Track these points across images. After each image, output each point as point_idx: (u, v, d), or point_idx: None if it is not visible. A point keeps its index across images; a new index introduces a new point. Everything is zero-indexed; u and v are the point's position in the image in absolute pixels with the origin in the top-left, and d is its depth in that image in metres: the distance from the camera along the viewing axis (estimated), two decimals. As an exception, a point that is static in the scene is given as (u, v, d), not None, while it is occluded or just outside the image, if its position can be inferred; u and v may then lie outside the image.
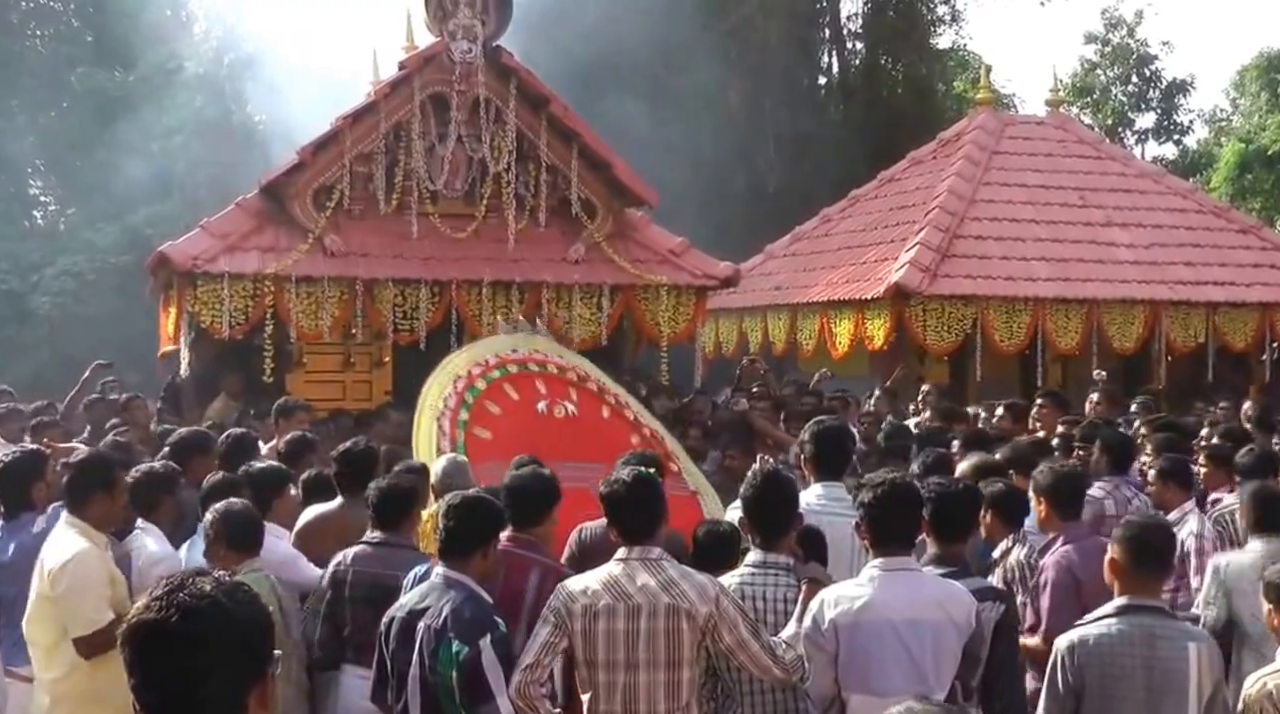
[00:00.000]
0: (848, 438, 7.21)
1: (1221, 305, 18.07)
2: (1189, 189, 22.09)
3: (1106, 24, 52.35)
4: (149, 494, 7.08)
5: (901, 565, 5.33)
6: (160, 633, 2.60)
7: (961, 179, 19.36)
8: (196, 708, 2.61)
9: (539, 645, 5.28)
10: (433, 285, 12.97)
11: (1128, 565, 5.13)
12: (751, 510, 5.76)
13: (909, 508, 5.42)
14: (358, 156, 13.09)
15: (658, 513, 5.49)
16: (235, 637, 2.65)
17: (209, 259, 12.42)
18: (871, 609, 5.22)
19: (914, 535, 5.50)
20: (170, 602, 2.62)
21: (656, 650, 5.19)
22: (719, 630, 5.21)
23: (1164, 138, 52.99)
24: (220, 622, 2.62)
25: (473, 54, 13.30)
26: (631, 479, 5.48)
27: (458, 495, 5.64)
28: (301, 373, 13.18)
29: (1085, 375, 17.34)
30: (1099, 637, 5.05)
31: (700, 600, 5.19)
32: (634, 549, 5.35)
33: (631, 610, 5.20)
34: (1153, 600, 5.14)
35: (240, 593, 2.70)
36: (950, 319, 16.97)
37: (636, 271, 13.65)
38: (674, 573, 5.29)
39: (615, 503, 5.46)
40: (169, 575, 2.72)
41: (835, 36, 35.59)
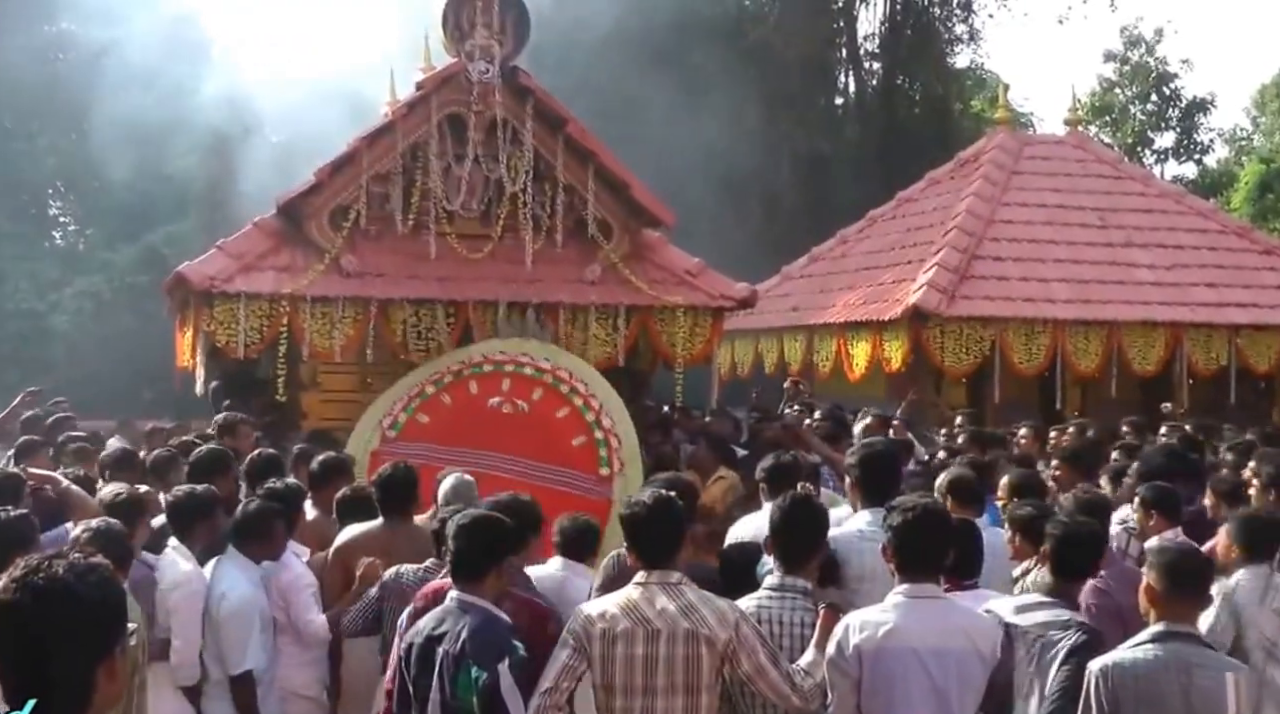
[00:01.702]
0: (897, 462, 7.07)
1: (1244, 327, 17.98)
2: (1210, 209, 22.01)
3: (1126, 42, 52.27)
4: (186, 516, 7.11)
5: (928, 593, 5.31)
6: (11, 612, 2.83)
7: (980, 199, 19.31)
8: (46, 681, 2.85)
9: (558, 669, 5.24)
10: (448, 305, 12.91)
11: (1164, 592, 5.07)
12: (778, 533, 5.70)
13: (938, 534, 5.40)
14: (374, 177, 13.05)
15: (678, 537, 5.44)
16: (83, 616, 2.88)
17: (225, 279, 12.39)
18: (896, 636, 5.18)
19: (942, 562, 5.48)
20: (23, 583, 2.85)
21: (675, 676, 5.14)
22: (737, 656, 5.16)
23: (1184, 157, 52.84)
24: (68, 602, 2.85)
25: (490, 74, 13.27)
26: (652, 501, 5.43)
27: (467, 515, 5.58)
28: (316, 393, 13.15)
29: (1105, 398, 17.28)
30: (1135, 662, 4.97)
31: (720, 626, 5.15)
32: (653, 573, 5.30)
33: (650, 635, 5.16)
34: (1189, 628, 5.06)
35: (92, 575, 2.92)
36: (968, 341, 16.90)
37: (653, 292, 13.57)
38: (693, 597, 5.24)
39: (635, 525, 5.40)
40: (29, 557, 2.94)
41: (852, 57, 35.62)
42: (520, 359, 12.09)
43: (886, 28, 35.59)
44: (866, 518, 6.44)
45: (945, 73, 36.17)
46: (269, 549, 7.12)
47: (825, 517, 5.93)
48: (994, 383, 16.88)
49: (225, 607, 6.84)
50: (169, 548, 7.07)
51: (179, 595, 6.84)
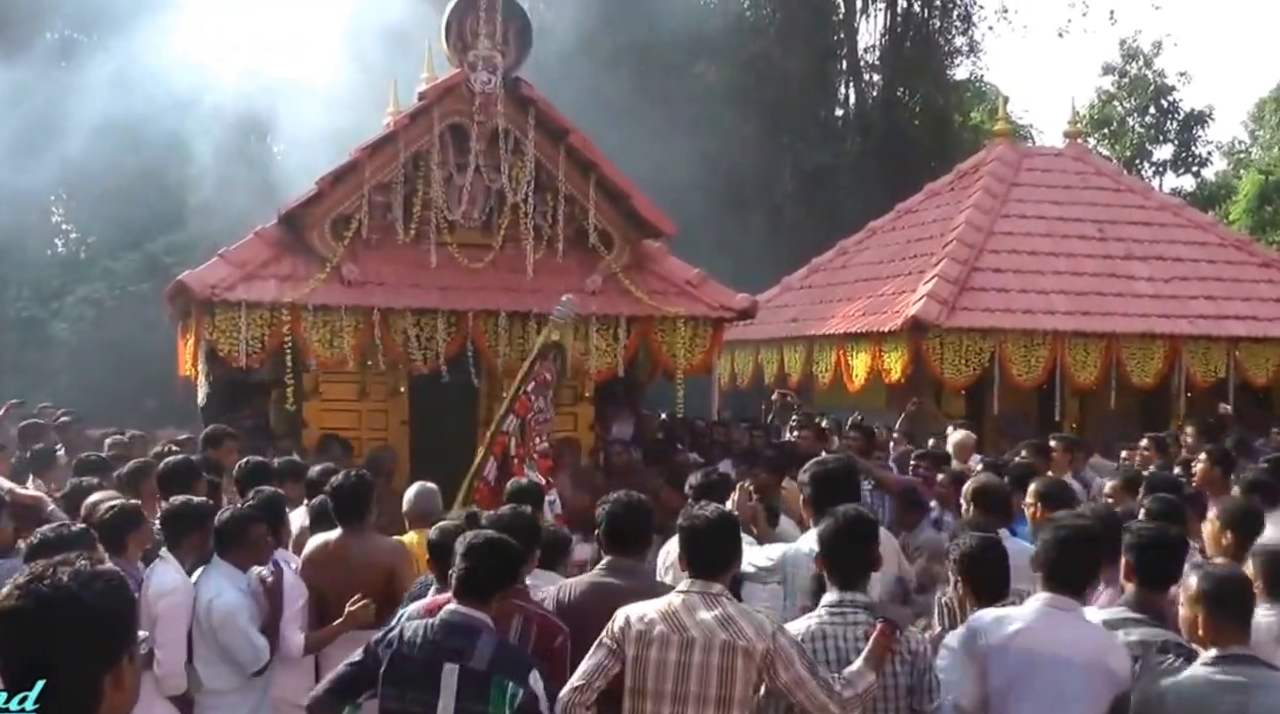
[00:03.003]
0: (851, 479, 7.08)
1: (1243, 340, 18.01)
2: (1209, 222, 22.06)
3: (1124, 55, 52.38)
4: (179, 527, 7.13)
5: (1069, 605, 5.34)
6: (16, 619, 2.77)
7: (979, 211, 19.35)
8: (52, 689, 2.77)
9: (592, 667, 5.27)
10: (450, 315, 12.96)
11: (1210, 619, 4.97)
12: (830, 550, 5.65)
13: (1090, 554, 5.45)
14: (376, 186, 13.09)
15: (733, 554, 5.50)
16: (87, 624, 2.81)
17: (227, 287, 12.43)
18: (1025, 636, 5.23)
19: (1088, 581, 5.53)
20: (27, 590, 2.79)
21: (708, 686, 5.14)
22: (775, 667, 5.15)
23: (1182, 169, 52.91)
24: (72, 611, 2.78)
25: (492, 84, 13.32)
26: (714, 515, 5.48)
27: (480, 536, 5.53)
28: (318, 402, 13.18)
29: (1103, 409, 17.29)
30: (1193, 683, 4.89)
31: (758, 637, 5.15)
32: (696, 582, 5.33)
33: (686, 643, 5.17)
34: (1244, 649, 4.95)
35: (98, 583, 2.85)
36: (968, 352, 16.92)
37: (653, 303, 13.62)
38: (733, 610, 5.26)
39: (694, 535, 5.43)
40: (35, 564, 2.88)
41: (853, 69, 35.69)
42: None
43: (886, 40, 35.67)
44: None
45: (945, 84, 36.22)
46: (253, 556, 7.11)
47: (876, 529, 5.89)
48: (993, 394, 16.90)
49: (214, 614, 6.84)
50: (159, 558, 7.07)
51: (164, 604, 6.84)
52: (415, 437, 13.39)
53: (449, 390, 13.03)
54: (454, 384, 12.96)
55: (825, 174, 30.91)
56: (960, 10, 36.51)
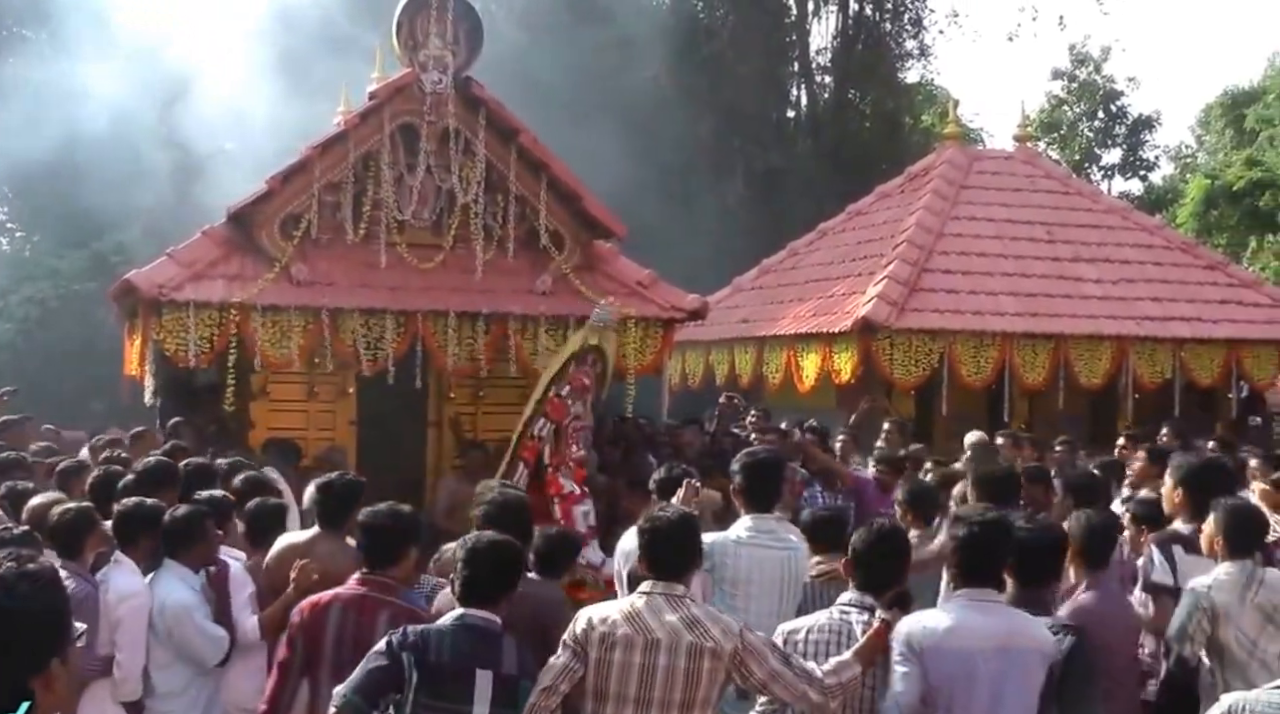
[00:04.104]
0: (780, 470, 7.29)
1: (1188, 341, 18.16)
2: (1156, 225, 22.22)
3: (1074, 60, 52.85)
4: (133, 528, 7.06)
5: (987, 597, 5.51)
6: None
7: (929, 213, 19.43)
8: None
9: (557, 670, 5.23)
10: (399, 315, 12.89)
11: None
12: (861, 557, 5.77)
13: (1002, 546, 5.61)
14: (326, 186, 13.01)
15: (694, 555, 5.52)
16: (10, 628, 2.81)
17: (174, 287, 12.32)
18: (956, 635, 5.35)
19: (1002, 572, 5.70)
20: None
21: (673, 690, 5.13)
22: (748, 666, 5.18)
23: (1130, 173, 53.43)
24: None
25: (443, 84, 13.27)
26: (677, 517, 5.50)
27: (483, 539, 5.49)
28: (265, 402, 13.10)
29: (1052, 410, 17.40)
30: (1269, 702, 4.47)
31: (725, 638, 5.17)
32: (659, 584, 5.32)
33: (650, 644, 5.15)
34: None
35: (23, 585, 2.84)
36: (917, 353, 16.98)
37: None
38: (697, 611, 5.26)
39: (656, 537, 5.43)
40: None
41: (804, 71, 35.81)
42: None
43: (838, 43, 35.78)
44: (747, 524, 6.78)
45: (896, 88, 36.41)
46: (204, 554, 7.08)
47: (907, 543, 6.05)
48: (942, 395, 16.96)
49: (168, 615, 6.82)
50: (113, 560, 7.01)
51: (126, 608, 6.79)
52: (363, 437, 13.32)
53: (397, 391, 12.98)
54: (402, 385, 12.91)
55: (777, 175, 31.00)
56: (911, 14, 36.70)
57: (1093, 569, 6.78)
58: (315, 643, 5.93)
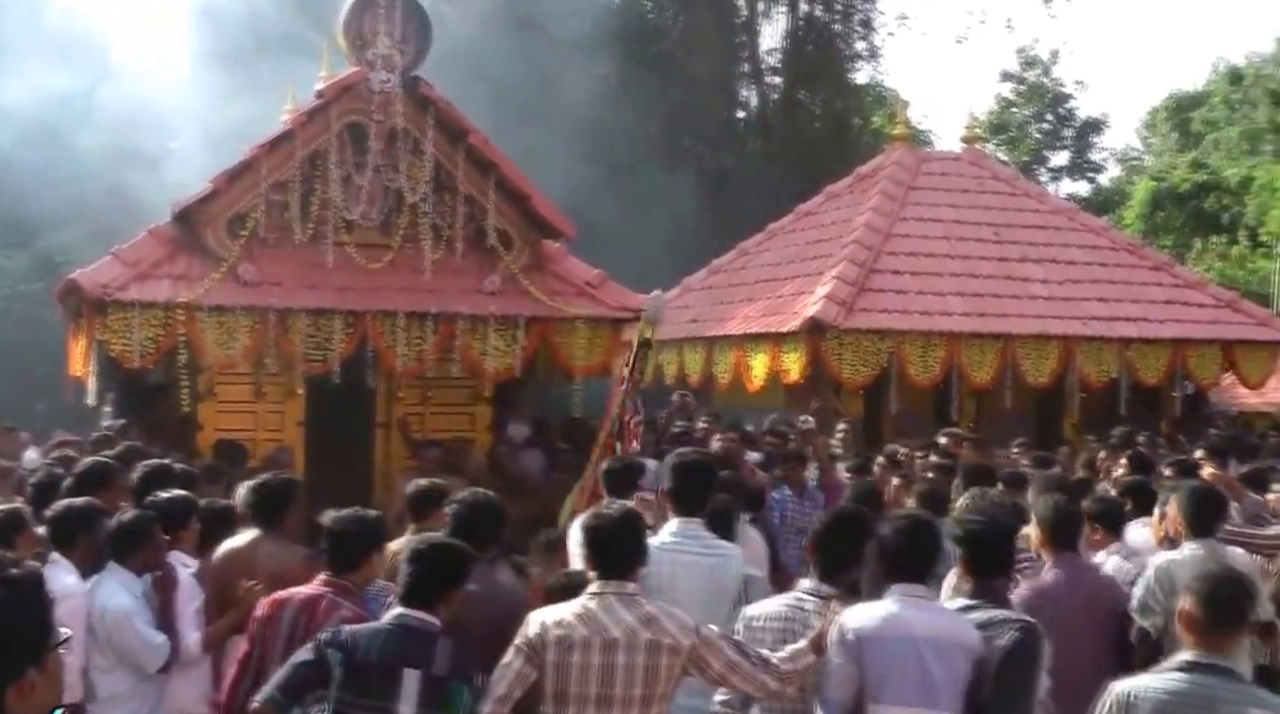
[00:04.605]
0: (711, 473, 7.02)
1: (1134, 341, 18.30)
2: (1102, 226, 22.39)
3: (1023, 63, 53.22)
4: (68, 529, 6.98)
5: (919, 593, 5.59)
6: None
7: (878, 214, 19.50)
8: None
9: (511, 676, 5.19)
10: (347, 315, 12.83)
11: (1203, 621, 4.84)
12: (820, 543, 5.86)
13: (928, 544, 5.71)
14: (273, 185, 12.94)
15: (639, 552, 5.45)
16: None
17: (119, 287, 12.22)
18: (894, 624, 5.44)
19: (929, 569, 5.79)
20: None
21: (632, 687, 5.13)
22: (705, 659, 5.20)
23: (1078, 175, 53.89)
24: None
25: (391, 84, 13.23)
26: (618, 514, 5.46)
27: (425, 541, 5.49)
28: (213, 403, 13.01)
29: (999, 409, 17.51)
30: (1155, 690, 4.79)
31: (681, 634, 5.18)
32: (609, 583, 5.30)
33: (607, 644, 5.13)
34: (1224, 660, 4.79)
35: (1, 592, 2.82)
36: (866, 353, 17.04)
37: (552, 303, 13.59)
38: (652, 609, 5.25)
39: (599, 535, 5.41)
40: None
41: (754, 72, 35.92)
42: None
43: (788, 43, 35.88)
44: (673, 528, 6.54)
45: (845, 89, 36.54)
46: (150, 560, 7.00)
47: (866, 526, 6.03)
48: (891, 394, 17.03)
49: (109, 619, 6.73)
50: (50, 561, 6.91)
51: (63, 609, 6.65)
52: (311, 438, 13.26)
53: (345, 392, 12.93)
54: (350, 385, 12.86)
55: (727, 175, 31.07)
56: (861, 16, 36.85)
57: (1059, 550, 6.92)
58: (269, 639, 5.93)
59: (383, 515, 6.53)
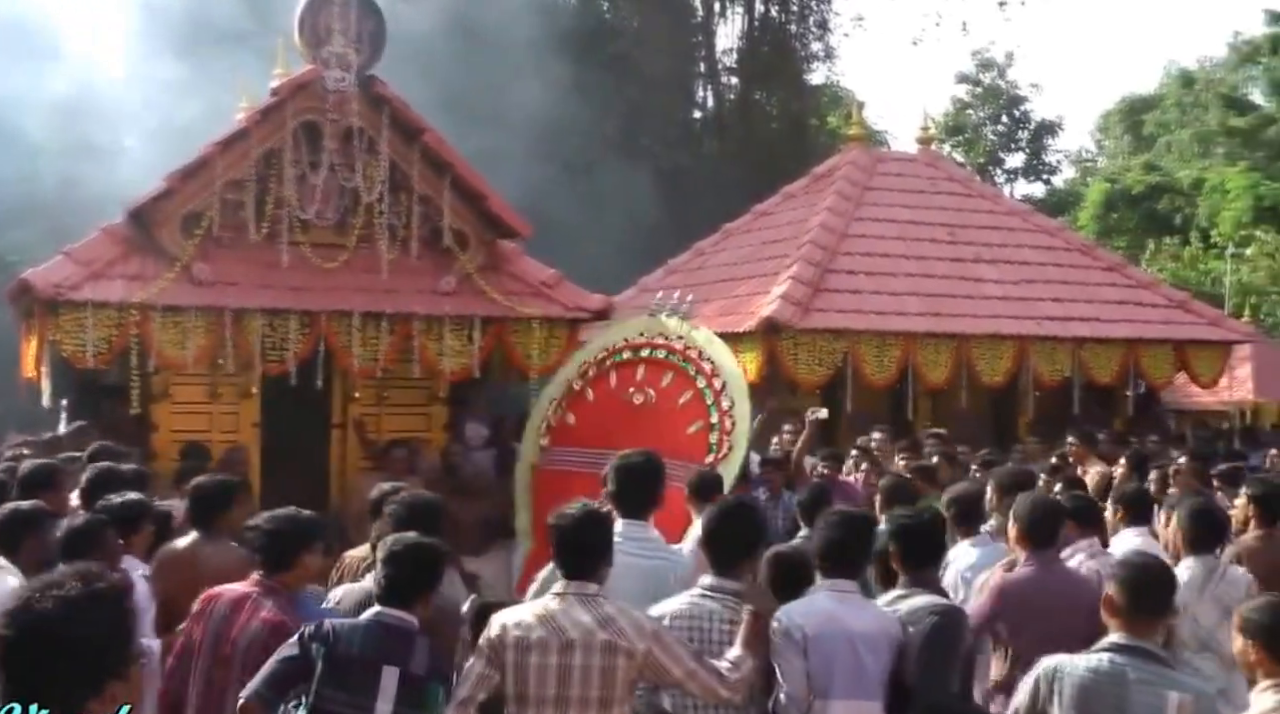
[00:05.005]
0: (657, 476, 6.93)
1: (1087, 341, 18.41)
2: (1056, 227, 22.52)
3: (978, 65, 53.48)
4: (13, 532, 6.91)
5: (848, 589, 5.95)
6: (4, 647, 2.85)
7: (833, 214, 19.55)
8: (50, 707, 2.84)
9: (473, 679, 5.23)
10: (302, 315, 12.77)
11: (1126, 606, 5.11)
12: (711, 538, 5.95)
13: (861, 539, 6.08)
14: (228, 183, 12.85)
15: (603, 552, 5.46)
16: (68, 656, 2.84)
17: (72, 287, 12.12)
18: (834, 622, 5.77)
19: (862, 565, 6.21)
20: (15, 619, 2.86)
21: (589, 688, 5.15)
22: (664, 666, 5.22)
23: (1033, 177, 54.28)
24: (53, 642, 2.83)
25: (346, 82, 13.17)
26: (581, 515, 5.46)
27: (400, 541, 5.47)
28: (167, 404, 12.92)
29: (954, 408, 17.59)
30: (1078, 668, 5.05)
31: (638, 637, 5.19)
32: (571, 584, 5.31)
33: (565, 645, 5.15)
34: (1144, 643, 5.06)
35: (87, 607, 2.87)
36: (821, 352, 17.06)
37: (508, 303, 13.57)
38: (610, 610, 5.26)
39: (561, 537, 5.41)
40: (31, 586, 2.95)
41: (711, 71, 35.98)
42: (656, 342, 11.37)
43: (744, 43, 35.97)
44: (618, 530, 6.32)
45: (801, 89, 36.65)
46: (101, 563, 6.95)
47: (760, 523, 6.26)
48: (846, 394, 17.08)
49: None
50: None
51: None
52: (266, 439, 13.19)
53: (301, 392, 12.87)
54: (306, 386, 12.80)
55: (683, 175, 31.10)
56: (816, 16, 36.99)
57: (1036, 549, 6.98)
58: (196, 633, 5.99)
59: (318, 516, 6.48)
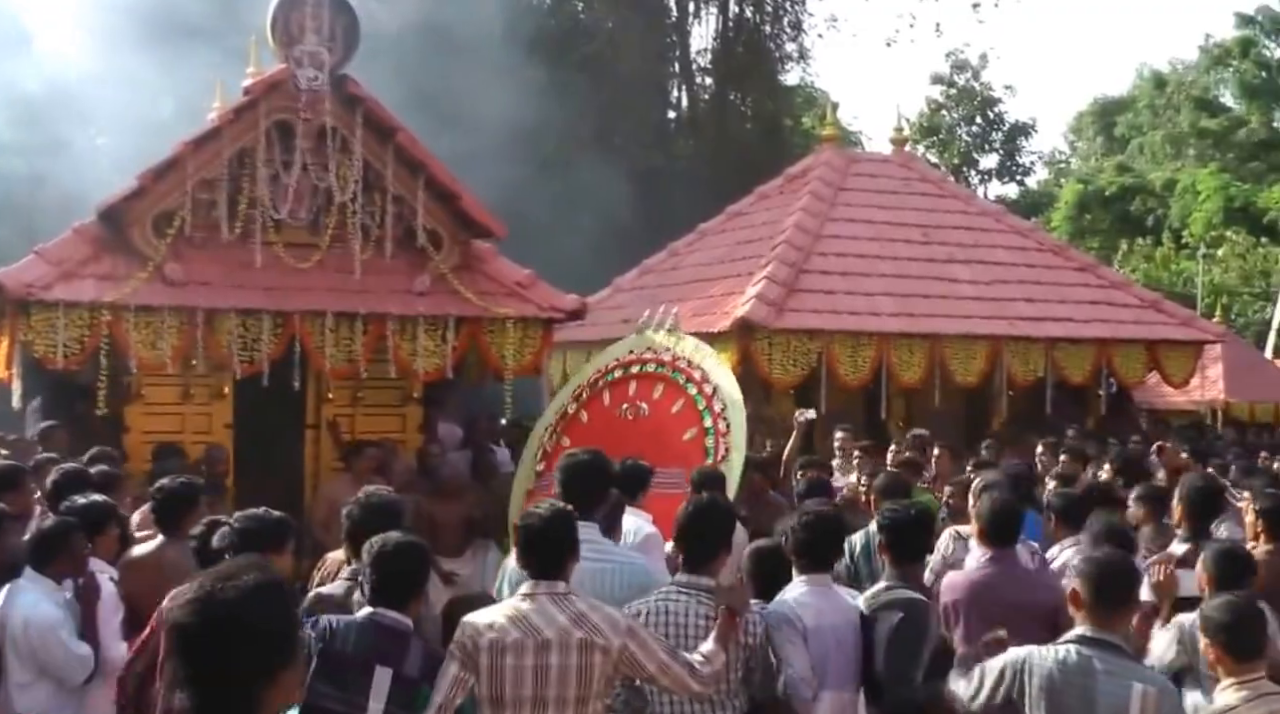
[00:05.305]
0: (603, 473, 6.89)
1: (1060, 341, 18.47)
2: (1028, 228, 22.59)
3: (952, 67, 53.59)
4: None
5: (825, 582, 6.34)
6: (184, 633, 3.03)
7: (807, 214, 19.56)
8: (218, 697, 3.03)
9: (448, 683, 5.20)
10: (275, 316, 12.72)
11: (1090, 600, 5.28)
12: (683, 534, 6.08)
13: (834, 535, 6.49)
14: (200, 183, 12.80)
15: (571, 550, 5.43)
16: (246, 643, 3.02)
17: (44, 286, 12.06)
18: (821, 615, 6.16)
19: (835, 559, 6.59)
20: (196, 606, 3.03)
21: (567, 687, 5.14)
22: (637, 660, 5.23)
23: (1007, 178, 54.44)
24: (233, 629, 3.00)
25: (319, 81, 13.13)
26: (549, 514, 5.43)
27: (389, 541, 5.44)
28: (139, 405, 12.86)
29: (928, 408, 17.63)
30: (1046, 659, 5.24)
31: (613, 633, 5.19)
32: (540, 584, 5.29)
33: (540, 645, 5.14)
34: (1109, 635, 5.24)
35: (261, 599, 3.05)
36: (796, 353, 17.08)
37: (482, 304, 13.54)
38: (582, 607, 5.26)
39: (529, 537, 5.39)
40: (208, 575, 3.13)
41: (685, 72, 35.98)
42: (645, 357, 11.53)
43: (718, 44, 35.96)
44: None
45: (776, 90, 36.65)
46: (69, 566, 6.89)
47: (732, 520, 6.37)
48: (821, 394, 17.09)
49: (32, 631, 6.59)
50: None
51: None
52: (239, 440, 13.14)
53: (274, 393, 12.82)
54: (280, 387, 12.76)
55: (657, 175, 31.06)
56: (790, 17, 36.96)
57: (995, 547, 7.10)
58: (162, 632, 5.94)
59: (287, 517, 6.46)
